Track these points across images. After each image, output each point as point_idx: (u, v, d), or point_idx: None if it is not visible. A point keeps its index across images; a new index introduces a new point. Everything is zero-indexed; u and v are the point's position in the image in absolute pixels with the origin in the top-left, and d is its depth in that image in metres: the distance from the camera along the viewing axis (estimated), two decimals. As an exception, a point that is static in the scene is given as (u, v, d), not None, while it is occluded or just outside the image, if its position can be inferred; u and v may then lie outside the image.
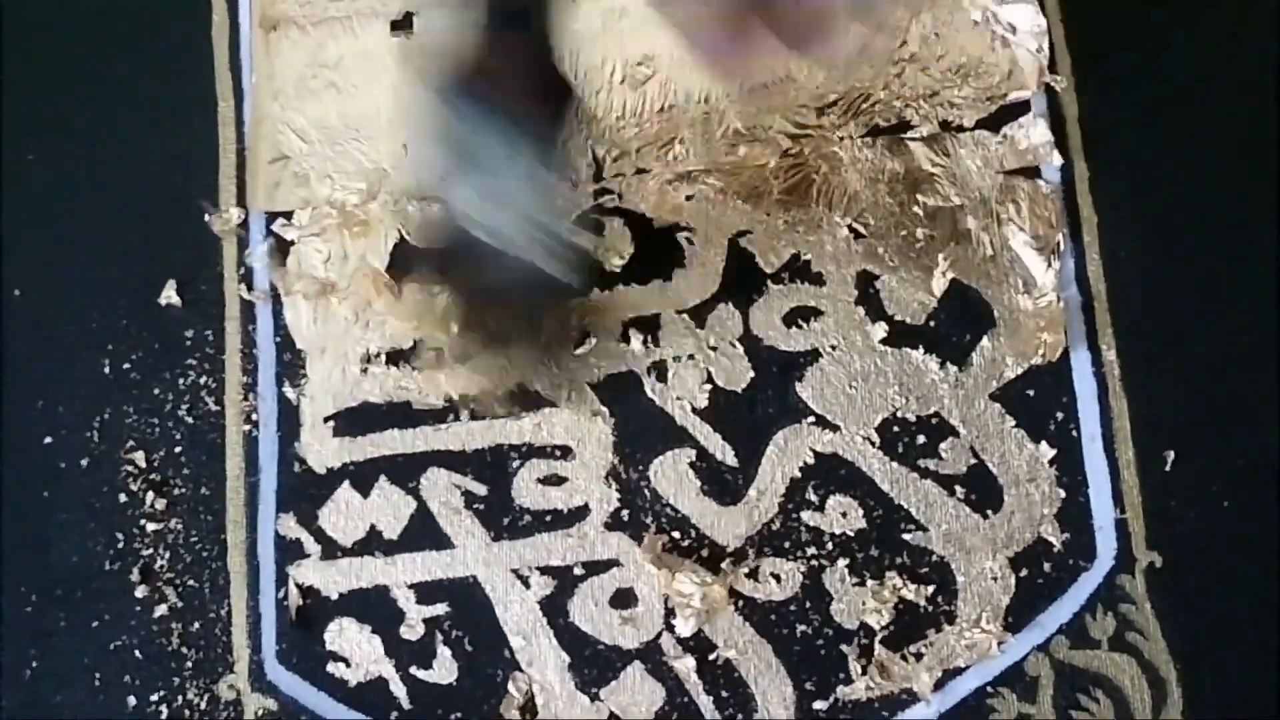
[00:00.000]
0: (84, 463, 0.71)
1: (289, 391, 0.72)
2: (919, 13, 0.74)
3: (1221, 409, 0.70)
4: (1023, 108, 0.74)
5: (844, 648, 0.68)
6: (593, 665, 0.68)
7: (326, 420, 0.72)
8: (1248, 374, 0.70)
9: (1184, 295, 0.71)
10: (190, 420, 0.72)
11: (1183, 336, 0.71)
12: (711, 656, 0.68)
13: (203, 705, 0.68)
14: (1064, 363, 0.71)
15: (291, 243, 0.74)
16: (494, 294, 0.63)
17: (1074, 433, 0.70)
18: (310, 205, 0.74)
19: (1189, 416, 0.70)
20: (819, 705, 0.67)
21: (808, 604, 0.68)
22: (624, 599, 0.69)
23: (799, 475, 0.70)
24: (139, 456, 0.71)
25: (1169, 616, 0.67)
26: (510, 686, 0.68)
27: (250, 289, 0.73)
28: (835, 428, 0.70)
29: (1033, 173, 0.73)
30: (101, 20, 0.78)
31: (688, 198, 0.74)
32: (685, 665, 0.68)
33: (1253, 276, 0.71)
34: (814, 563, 0.69)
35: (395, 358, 0.72)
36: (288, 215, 0.74)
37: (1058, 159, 0.73)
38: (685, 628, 0.68)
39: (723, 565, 0.69)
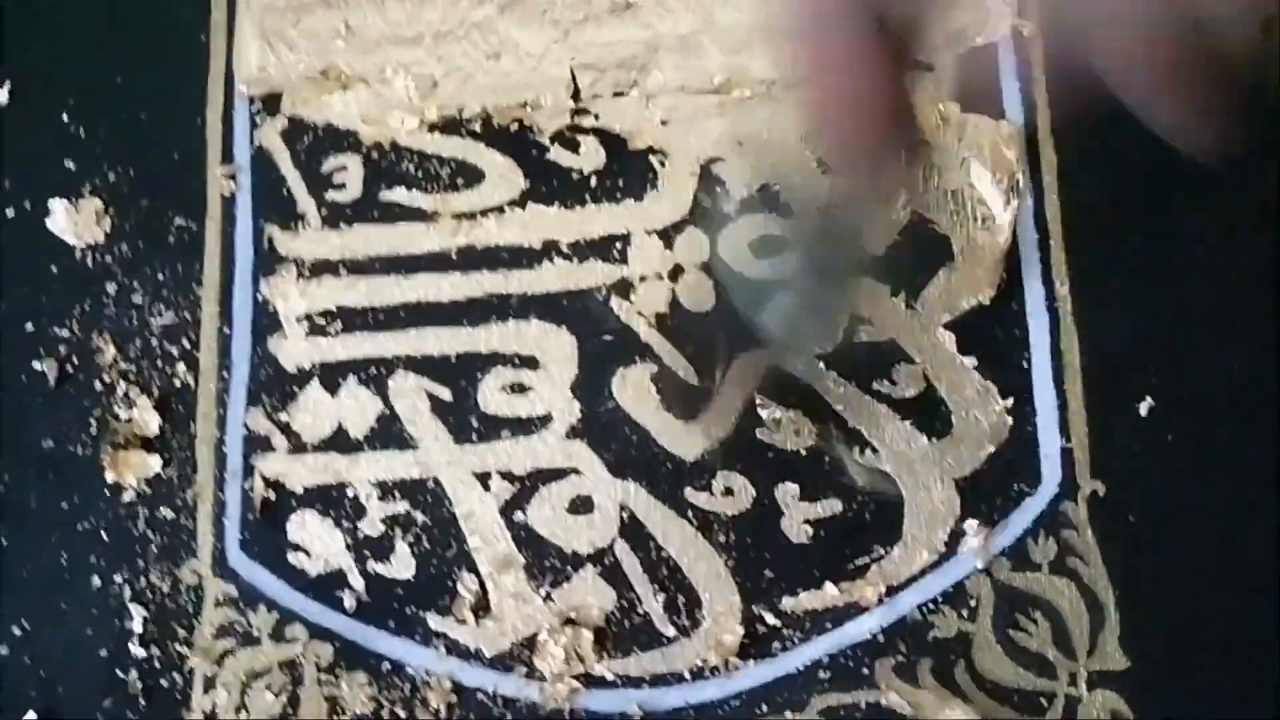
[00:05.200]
0: (61, 349, 0.73)
1: (264, 289, 0.74)
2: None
3: (1168, 347, 0.71)
4: (990, 50, 0.76)
5: (791, 560, 0.69)
6: (547, 567, 0.70)
7: (299, 320, 0.74)
8: (1195, 314, 0.72)
9: (1138, 236, 0.73)
10: (166, 315, 0.73)
11: (1135, 275, 0.73)
12: (662, 564, 0.70)
13: (165, 588, 0.70)
14: (1018, 296, 0.73)
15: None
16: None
17: (1024, 364, 0.72)
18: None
19: (1137, 353, 0.72)
20: (766, 614, 0.69)
21: (758, 517, 0.70)
22: (580, 505, 0.71)
23: (756, 395, 0.72)
24: (113, 347, 0.73)
25: (1109, 543, 0.69)
26: (464, 584, 0.70)
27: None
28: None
29: (998, 113, 0.75)
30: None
31: (663, 122, 0.76)
32: (636, 571, 0.70)
33: (1206, 219, 0.73)
34: (766, 479, 0.70)
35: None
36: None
37: (1021, 99, 0.75)
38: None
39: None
